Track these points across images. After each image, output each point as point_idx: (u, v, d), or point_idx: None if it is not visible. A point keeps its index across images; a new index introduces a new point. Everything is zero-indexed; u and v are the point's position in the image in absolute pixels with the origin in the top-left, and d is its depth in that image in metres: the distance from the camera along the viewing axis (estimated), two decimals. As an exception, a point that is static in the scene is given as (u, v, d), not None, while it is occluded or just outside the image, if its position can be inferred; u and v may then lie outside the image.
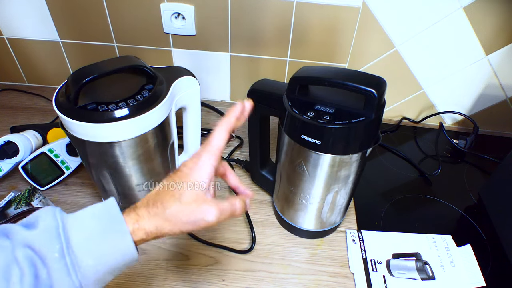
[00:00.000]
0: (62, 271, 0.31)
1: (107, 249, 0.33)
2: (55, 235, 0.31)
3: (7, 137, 0.68)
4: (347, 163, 0.51)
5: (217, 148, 0.38)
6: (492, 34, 0.77)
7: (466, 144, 0.85)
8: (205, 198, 0.36)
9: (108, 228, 0.34)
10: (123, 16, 0.81)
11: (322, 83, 0.48)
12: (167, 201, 0.35)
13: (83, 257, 0.32)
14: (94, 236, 0.33)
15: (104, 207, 0.35)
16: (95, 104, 0.48)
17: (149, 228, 0.35)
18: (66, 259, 0.31)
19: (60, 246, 0.31)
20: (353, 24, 0.78)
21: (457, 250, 0.62)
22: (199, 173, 0.37)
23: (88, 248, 0.32)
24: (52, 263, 0.30)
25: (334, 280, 0.58)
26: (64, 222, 0.33)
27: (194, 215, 0.35)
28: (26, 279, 0.29)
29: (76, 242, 0.32)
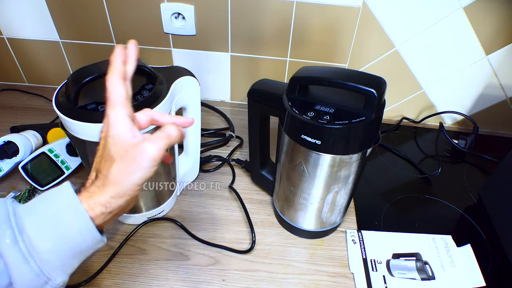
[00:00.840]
0: (17, 258, 0.30)
1: (64, 230, 0.32)
2: (4, 220, 0.30)
3: (7, 137, 0.68)
4: (347, 163, 0.51)
5: (118, 99, 0.35)
6: (492, 34, 0.77)
7: (466, 144, 0.85)
8: (134, 142, 0.34)
9: (62, 209, 0.32)
10: (123, 16, 0.81)
11: (322, 83, 0.48)
12: (104, 168, 0.34)
13: (39, 241, 0.31)
14: (49, 218, 0.32)
15: (56, 190, 0.34)
16: (95, 104, 0.48)
17: (104, 199, 0.33)
18: (20, 244, 0.30)
19: (11, 231, 0.30)
20: (353, 24, 0.78)
21: (457, 250, 0.62)
22: (116, 128, 0.34)
23: (44, 230, 0.31)
24: (5, 250, 0.29)
25: (334, 280, 0.58)
26: (15, 209, 0.32)
27: (134, 161, 0.33)
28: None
29: (30, 227, 0.31)
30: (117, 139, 0.34)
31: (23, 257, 0.30)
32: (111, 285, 0.55)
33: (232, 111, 0.94)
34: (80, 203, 0.33)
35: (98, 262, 0.58)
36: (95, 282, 0.55)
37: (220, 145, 0.82)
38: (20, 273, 0.30)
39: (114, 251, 0.59)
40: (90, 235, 0.33)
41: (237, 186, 0.72)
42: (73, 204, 0.33)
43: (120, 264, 0.58)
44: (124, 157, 0.33)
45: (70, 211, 0.32)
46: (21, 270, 0.30)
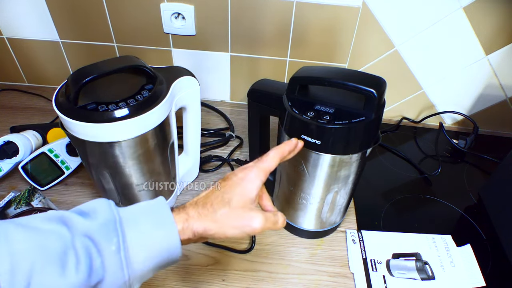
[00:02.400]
0: (116, 265, 0.32)
1: (156, 246, 0.34)
2: (112, 228, 0.32)
3: (7, 137, 0.68)
4: (347, 163, 0.51)
5: (268, 167, 0.41)
6: (492, 34, 0.77)
7: (466, 144, 0.85)
8: (252, 207, 0.38)
9: (159, 225, 0.35)
10: (123, 16, 0.81)
11: (322, 83, 0.48)
12: (217, 204, 0.37)
13: (136, 252, 0.33)
14: (146, 232, 0.34)
15: (155, 204, 0.37)
16: (95, 104, 0.48)
17: (197, 228, 0.36)
18: (121, 253, 0.32)
19: (117, 240, 0.32)
20: (353, 24, 0.78)
21: (457, 250, 0.62)
22: (249, 184, 0.39)
23: (140, 243, 0.33)
24: (108, 256, 0.31)
25: (334, 280, 0.58)
26: (120, 217, 0.34)
27: (242, 219, 0.37)
28: (81, 267, 0.30)
29: (130, 237, 0.33)
30: (245, 194, 0.38)
31: (121, 264, 0.32)
32: (111, 285, 0.55)
33: (232, 111, 0.94)
34: (175, 225, 0.35)
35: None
36: (95, 282, 0.55)
37: (220, 145, 0.82)
38: (113, 277, 0.32)
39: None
40: (175, 254, 0.36)
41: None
42: (169, 225, 0.35)
43: (120, 264, 0.58)
44: (236, 210, 0.37)
45: (166, 230, 0.35)
46: (116, 275, 0.32)
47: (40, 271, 0.29)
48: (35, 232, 0.31)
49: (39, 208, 0.63)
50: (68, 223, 0.32)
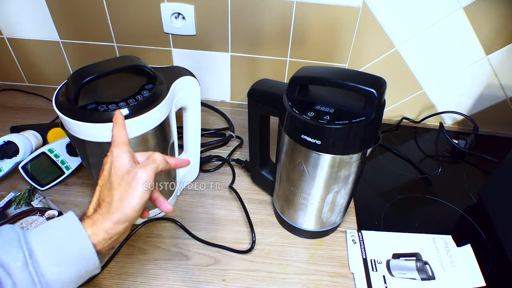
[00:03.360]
0: (26, 280, 0.31)
1: (69, 255, 0.34)
2: (16, 245, 0.32)
3: (7, 137, 0.68)
4: (347, 163, 0.51)
5: (122, 140, 0.41)
6: (492, 34, 0.77)
7: (466, 144, 0.85)
8: (129, 168, 0.39)
9: (68, 235, 0.35)
10: (123, 16, 0.81)
11: (323, 83, 0.48)
12: (107, 196, 0.38)
13: (47, 265, 0.33)
14: (56, 244, 0.34)
15: (63, 218, 0.36)
16: (95, 104, 0.48)
17: (107, 226, 0.36)
18: (30, 268, 0.31)
19: (22, 255, 0.32)
20: (353, 24, 0.78)
21: (457, 250, 0.62)
22: (118, 160, 0.39)
23: (51, 255, 0.33)
24: (16, 273, 0.31)
25: (334, 280, 0.58)
26: (25, 235, 0.33)
27: (129, 187, 0.37)
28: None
29: (39, 252, 0.33)
30: (117, 170, 0.38)
31: (32, 279, 0.31)
32: (111, 285, 0.55)
33: (232, 111, 0.94)
34: (84, 230, 0.35)
35: (98, 262, 0.58)
36: (95, 282, 0.55)
37: (220, 145, 0.82)
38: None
39: (114, 251, 0.59)
40: (92, 260, 0.35)
41: (237, 186, 0.72)
42: (78, 231, 0.35)
43: (120, 264, 0.58)
44: (121, 184, 0.38)
45: (75, 237, 0.35)
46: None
47: None
48: None
49: (39, 208, 0.63)
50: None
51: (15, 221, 0.61)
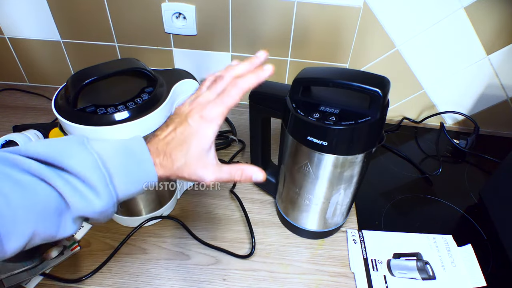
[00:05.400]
0: (107, 192, 0.34)
1: (136, 178, 0.37)
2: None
3: (8, 136, 0.68)
4: (353, 163, 0.51)
5: (231, 104, 0.39)
6: (493, 34, 0.77)
7: (467, 144, 0.85)
8: (207, 160, 0.38)
9: (138, 163, 0.37)
10: (124, 16, 0.81)
11: (327, 84, 0.48)
12: (175, 155, 0.37)
13: (122, 199, 0.36)
14: (128, 168, 0.36)
15: (135, 142, 0.38)
16: (94, 106, 0.48)
17: (160, 174, 0.38)
18: (109, 185, 0.34)
19: (103, 175, 0.34)
20: (354, 24, 0.78)
21: (457, 250, 0.62)
22: (206, 131, 0.38)
23: (121, 180, 0.35)
24: (101, 189, 0.34)
25: (335, 280, 0.58)
26: (102, 158, 0.35)
27: (195, 173, 0.38)
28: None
29: (115, 174, 0.35)
30: (202, 146, 0.37)
31: (110, 192, 0.34)
32: (112, 284, 0.55)
33: (233, 111, 0.93)
34: (152, 161, 0.37)
35: (99, 260, 0.58)
36: (96, 281, 0.56)
37: (221, 148, 0.82)
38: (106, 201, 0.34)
39: (114, 249, 0.59)
40: (152, 181, 0.38)
41: (238, 188, 0.72)
42: (147, 162, 0.37)
43: (121, 263, 0.58)
44: (192, 163, 0.37)
45: (144, 165, 0.37)
46: (109, 202, 0.34)
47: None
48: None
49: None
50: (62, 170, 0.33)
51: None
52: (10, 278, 0.53)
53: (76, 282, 0.55)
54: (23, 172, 0.32)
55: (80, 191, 0.33)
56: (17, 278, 0.53)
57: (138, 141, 0.38)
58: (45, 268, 0.55)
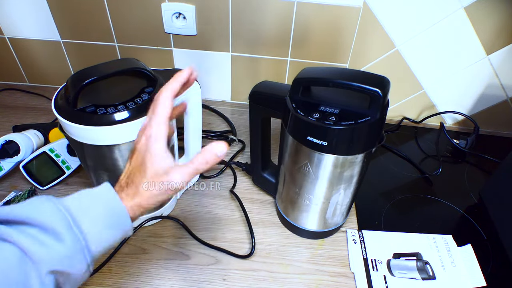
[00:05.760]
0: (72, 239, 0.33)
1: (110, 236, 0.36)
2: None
3: (8, 136, 0.68)
4: (353, 163, 0.51)
5: (165, 117, 0.39)
6: (493, 34, 0.77)
7: (467, 144, 0.85)
8: (167, 168, 0.38)
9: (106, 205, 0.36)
10: (124, 16, 0.81)
11: (327, 84, 0.48)
12: (136, 179, 0.38)
13: (95, 249, 0.35)
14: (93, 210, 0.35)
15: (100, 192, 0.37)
16: (94, 107, 0.48)
17: (131, 205, 0.37)
18: (74, 229, 0.33)
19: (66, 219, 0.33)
20: (354, 24, 0.78)
21: (457, 250, 0.62)
22: (155, 146, 0.38)
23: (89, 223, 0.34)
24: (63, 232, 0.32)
25: (335, 280, 0.58)
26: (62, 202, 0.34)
27: (162, 185, 0.38)
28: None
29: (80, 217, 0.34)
30: (154, 160, 0.38)
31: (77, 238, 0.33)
32: (112, 284, 0.55)
33: (233, 111, 0.94)
34: (121, 203, 0.37)
35: (99, 260, 0.58)
36: (96, 281, 0.56)
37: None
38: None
39: (114, 250, 0.59)
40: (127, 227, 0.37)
41: (237, 188, 0.72)
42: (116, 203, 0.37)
43: (121, 263, 0.58)
44: (154, 179, 0.37)
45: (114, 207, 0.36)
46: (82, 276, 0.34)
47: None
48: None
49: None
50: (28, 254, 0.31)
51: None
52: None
53: (76, 282, 0.55)
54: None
55: (41, 238, 0.31)
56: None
57: (103, 185, 0.38)
58: (45, 268, 0.55)
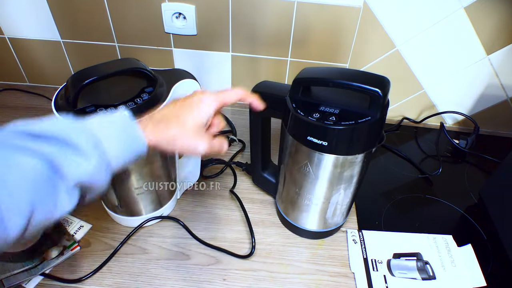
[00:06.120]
0: (97, 158, 0.35)
1: (127, 156, 0.39)
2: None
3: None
4: (353, 163, 0.51)
5: (224, 100, 0.44)
6: (493, 34, 0.77)
7: (467, 144, 0.85)
8: (201, 132, 0.42)
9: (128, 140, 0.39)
10: (124, 16, 0.81)
11: (327, 84, 0.48)
12: (171, 123, 0.41)
13: (115, 165, 0.38)
14: (114, 134, 0.38)
15: (118, 114, 0.40)
16: (94, 107, 0.48)
17: (150, 140, 0.40)
18: (99, 149, 0.36)
19: (92, 140, 0.36)
20: (354, 24, 0.78)
21: (457, 250, 0.62)
22: (205, 108, 0.43)
23: (110, 145, 0.37)
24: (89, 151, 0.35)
25: (335, 280, 0.58)
26: (87, 126, 0.36)
27: (189, 142, 0.41)
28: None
29: (102, 138, 0.36)
30: (198, 118, 0.42)
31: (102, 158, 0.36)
32: (112, 284, 0.55)
33: (233, 111, 0.94)
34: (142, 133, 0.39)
35: (99, 261, 0.58)
36: (96, 281, 0.56)
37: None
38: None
39: (114, 249, 0.59)
40: (141, 149, 0.40)
41: (238, 188, 0.72)
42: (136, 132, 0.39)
43: (121, 263, 0.58)
44: (187, 133, 0.41)
45: (131, 130, 0.39)
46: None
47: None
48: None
49: None
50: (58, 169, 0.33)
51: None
52: (10, 278, 0.53)
53: (76, 282, 0.55)
54: (11, 149, 0.32)
55: (70, 155, 0.34)
56: (17, 278, 0.53)
57: (121, 113, 0.40)
58: (45, 268, 0.55)
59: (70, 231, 0.62)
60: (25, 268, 0.54)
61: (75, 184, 0.34)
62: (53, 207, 0.33)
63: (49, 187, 0.33)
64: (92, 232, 0.63)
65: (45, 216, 0.33)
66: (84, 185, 0.35)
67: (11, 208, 0.30)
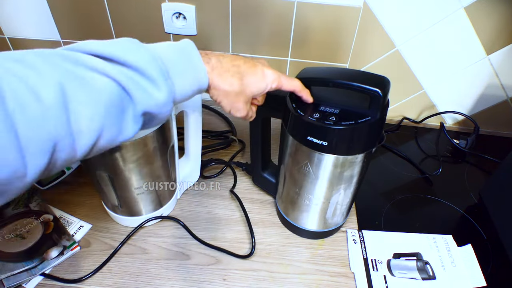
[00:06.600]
0: (169, 92, 0.36)
1: (188, 79, 0.39)
2: (171, 103, 0.37)
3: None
4: (353, 163, 0.51)
5: (282, 86, 0.46)
6: (493, 34, 0.77)
7: (467, 144, 0.85)
8: (249, 100, 0.46)
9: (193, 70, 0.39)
10: (124, 16, 0.81)
11: (327, 84, 0.48)
12: (234, 80, 0.42)
13: (179, 98, 0.39)
14: (181, 66, 0.38)
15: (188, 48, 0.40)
16: None
17: (211, 82, 0.41)
18: (168, 81, 0.36)
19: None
20: (354, 24, 0.78)
21: (458, 250, 0.62)
22: (263, 84, 0.45)
23: (177, 76, 0.38)
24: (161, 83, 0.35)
25: (335, 280, 0.58)
26: (158, 54, 0.37)
27: (237, 104, 0.45)
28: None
29: (170, 69, 0.37)
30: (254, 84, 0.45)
31: (170, 89, 0.36)
32: (112, 284, 0.55)
33: (233, 111, 0.93)
34: (205, 69, 0.40)
35: (99, 261, 0.58)
36: (96, 281, 0.56)
37: (221, 148, 0.82)
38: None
39: (114, 249, 0.59)
40: (203, 86, 0.41)
41: (238, 188, 0.72)
42: (201, 67, 0.40)
43: (121, 263, 0.58)
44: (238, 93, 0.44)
45: (196, 67, 0.40)
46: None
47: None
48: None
49: (36, 211, 0.63)
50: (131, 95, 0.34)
51: (11, 222, 0.61)
52: (10, 278, 0.53)
53: (76, 282, 0.55)
54: (86, 68, 0.31)
55: (142, 84, 0.34)
56: (17, 278, 0.54)
57: (188, 43, 0.40)
58: (45, 268, 0.55)
59: (70, 231, 0.62)
60: (25, 268, 0.54)
61: (142, 112, 0.35)
62: (118, 131, 0.33)
63: (119, 112, 0.33)
64: (92, 232, 0.63)
65: (109, 140, 0.33)
66: (150, 114, 0.36)
67: (83, 130, 0.30)
